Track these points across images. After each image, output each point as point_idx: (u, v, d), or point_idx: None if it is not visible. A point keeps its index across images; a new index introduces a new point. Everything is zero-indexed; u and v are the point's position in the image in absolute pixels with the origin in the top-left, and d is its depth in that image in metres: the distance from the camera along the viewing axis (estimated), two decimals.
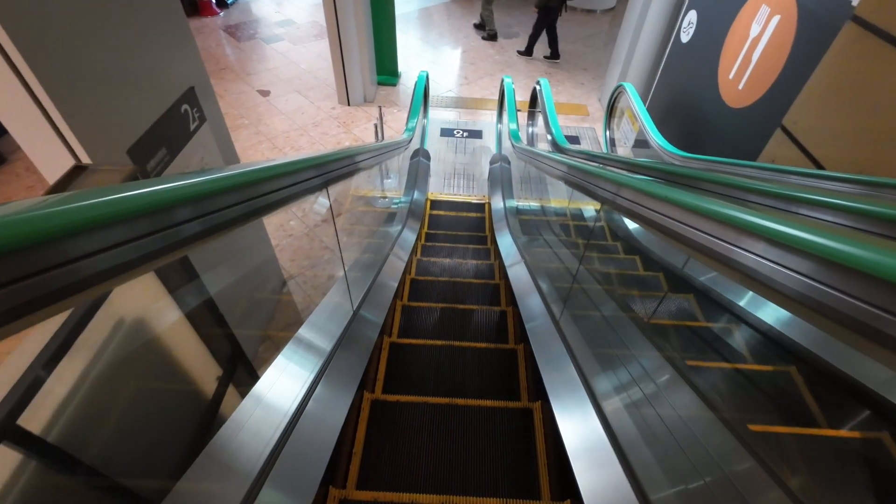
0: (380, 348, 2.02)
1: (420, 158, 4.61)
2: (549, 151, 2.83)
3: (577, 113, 6.13)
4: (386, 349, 2.05)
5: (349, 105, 5.96)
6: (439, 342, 2.11)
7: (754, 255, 0.53)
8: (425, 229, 4.18)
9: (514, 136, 3.55)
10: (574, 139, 5.65)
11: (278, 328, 2.95)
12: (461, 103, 6.22)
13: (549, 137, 3.67)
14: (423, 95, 4.19)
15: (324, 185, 1.34)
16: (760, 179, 1.27)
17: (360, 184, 4.58)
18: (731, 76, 3.39)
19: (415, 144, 4.75)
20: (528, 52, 7.41)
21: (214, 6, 8.15)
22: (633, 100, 4.21)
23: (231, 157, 2.88)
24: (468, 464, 1.46)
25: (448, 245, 3.74)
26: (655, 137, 3.64)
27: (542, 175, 3.02)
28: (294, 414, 1.19)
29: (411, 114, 3.84)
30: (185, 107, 2.31)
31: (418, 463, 1.46)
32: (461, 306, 2.53)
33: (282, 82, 6.36)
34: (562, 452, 1.25)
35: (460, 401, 1.63)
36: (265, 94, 6.09)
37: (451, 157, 5.29)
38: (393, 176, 4.92)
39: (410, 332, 2.38)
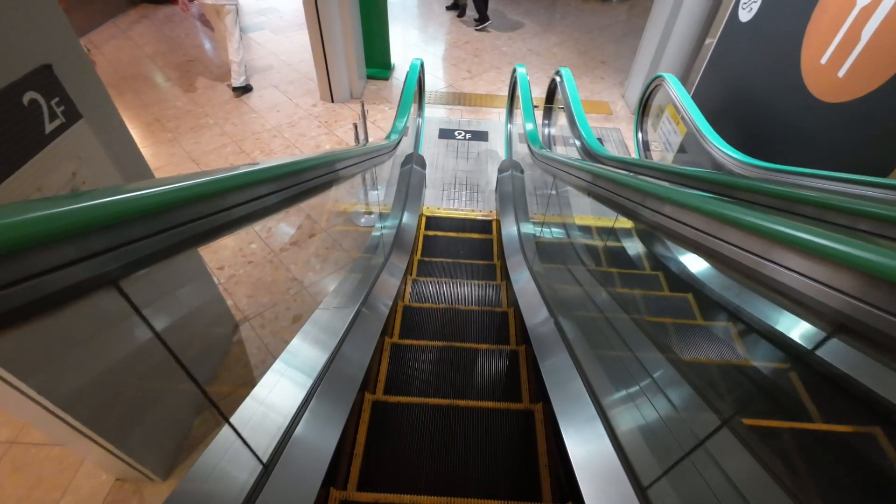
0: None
1: (413, 166, 3.77)
2: (587, 163, 1.99)
3: (599, 111, 5.28)
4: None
5: (333, 102, 5.13)
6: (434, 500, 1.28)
7: None
8: (418, 255, 3.34)
9: (533, 138, 2.71)
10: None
11: (224, 389, 2.08)
12: (463, 100, 5.38)
13: (578, 143, 2.84)
14: (416, 88, 3.36)
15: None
16: None
17: (338, 197, 3.74)
18: (823, 61, 2.54)
19: (406, 148, 3.92)
20: (482, 19, 6.99)
21: None
22: (679, 94, 3.37)
23: (136, 170, 2.04)
24: None
25: (446, 281, 2.90)
26: (716, 143, 2.80)
27: (567, 186, 2.26)
28: None
29: (400, 111, 3.01)
30: (30, 95, 1.46)
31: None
32: (462, 403, 1.68)
33: (257, 76, 5.53)
34: None
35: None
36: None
37: (452, 163, 4.45)
38: (380, 187, 4.09)
39: (389, 469, 1.52)
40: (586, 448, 1.18)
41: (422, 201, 3.79)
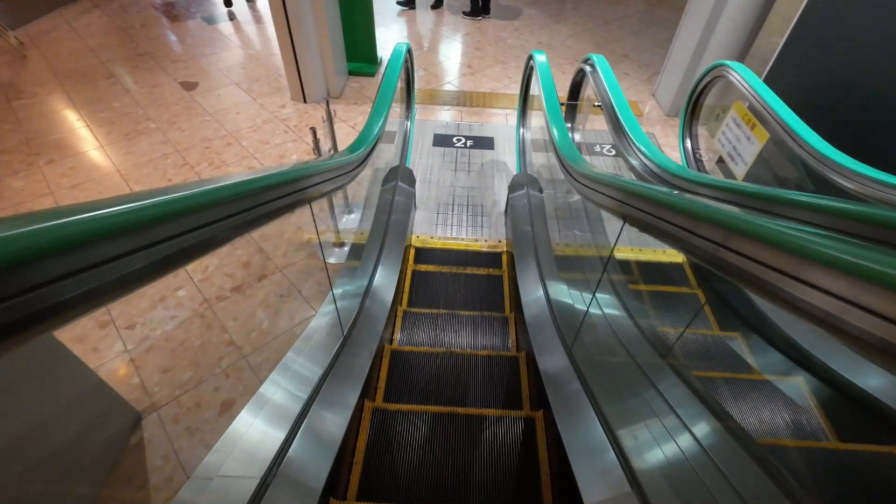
0: None
1: (398, 184, 2.88)
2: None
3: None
4: None
5: (305, 102, 4.25)
6: None
7: None
8: (403, 307, 2.45)
9: (568, 150, 1.81)
10: None
11: None
12: (463, 99, 4.50)
13: (638, 159, 1.95)
14: (402, 83, 2.48)
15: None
16: None
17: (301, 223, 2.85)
18: None
19: (390, 160, 3.03)
20: (483, 9, 6.15)
21: None
22: (755, 88, 2.49)
23: None
24: None
25: (440, 353, 2.01)
26: (833, 156, 1.91)
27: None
28: None
29: (374, 112, 2.11)
30: None
31: None
32: None
33: (217, 72, 4.65)
34: None
35: None
36: (190, 87, 4.38)
37: (449, 177, 3.56)
38: (356, 209, 3.19)
39: None
40: None
41: (409, 229, 2.90)
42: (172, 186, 0.56)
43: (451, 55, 5.35)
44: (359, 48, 4.69)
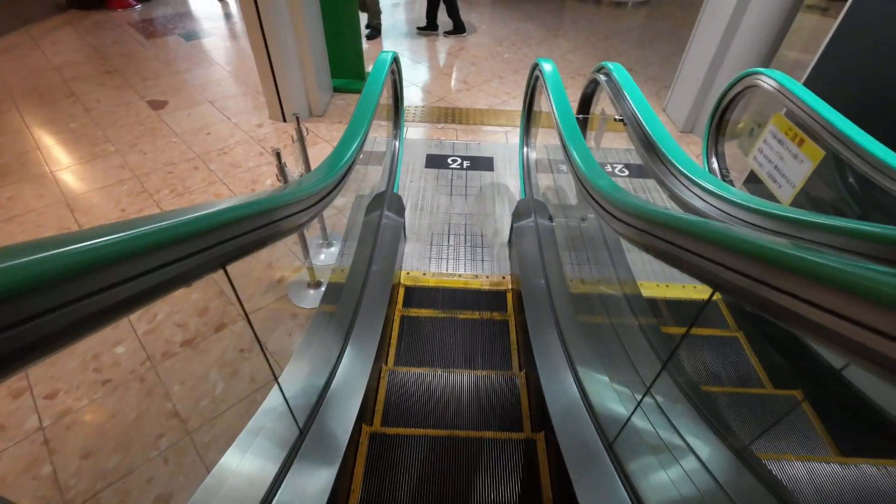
0: None
1: (384, 212, 2.46)
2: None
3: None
4: None
5: (285, 121, 3.86)
6: None
7: None
8: (389, 365, 2.00)
9: (593, 172, 1.40)
10: (635, 169, 3.54)
11: None
12: (459, 117, 4.13)
13: (681, 185, 1.54)
14: (381, 92, 2.08)
15: None
16: None
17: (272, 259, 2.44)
18: None
19: (377, 185, 2.64)
20: (430, 26, 5.65)
21: None
22: (804, 98, 2.10)
23: None
24: None
25: (436, 437, 1.55)
26: None
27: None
28: None
29: (351, 129, 1.70)
30: None
31: None
32: None
33: (190, 90, 4.27)
34: None
35: None
36: (158, 105, 3.99)
37: (443, 202, 3.15)
38: (336, 241, 2.77)
39: None
40: None
41: (398, 264, 2.47)
42: None
43: (444, 70, 5.02)
44: (345, 63, 4.34)
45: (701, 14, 3.80)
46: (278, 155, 1.90)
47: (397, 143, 2.96)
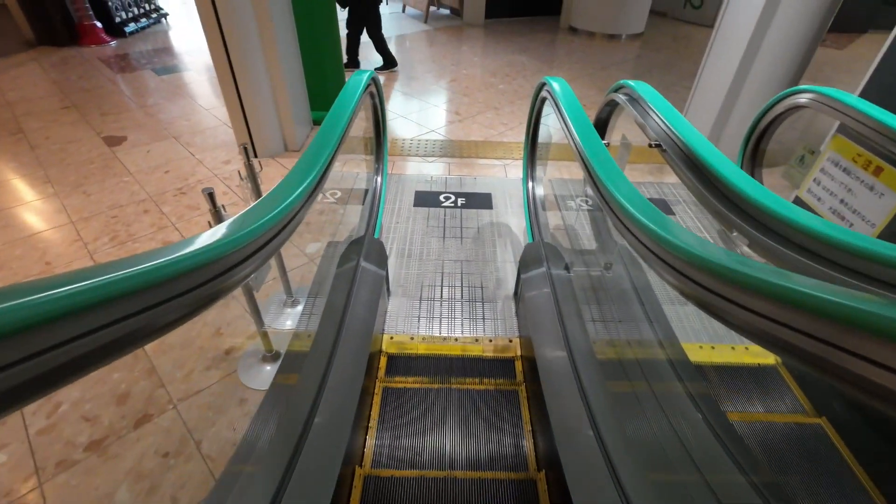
0: None
1: (361, 263, 1.97)
2: None
3: (643, 160, 3.64)
4: None
5: (256, 157, 3.43)
6: None
7: None
8: (365, 469, 1.46)
9: (644, 210, 0.95)
10: (659, 204, 3.11)
11: None
12: (452, 150, 3.74)
13: (761, 225, 1.08)
14: (351, 117, 1.66)
15: None
16: None
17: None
18: None
19: (355, 229, 2.19)
20: (351, 62, 5.19)
21: (103, 34, 5.88)
22: (879, 118, 1.69)
23: None
24: None
25: None
26: None
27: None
28: None
29: (308, 158, 1.25)
30: None
31: None
32: None
33: (154, 124, 3.87)
34: None
35: None
36: (115, 142, 3.56)
37: (435, 246, 2.68)
38: (302, 298, 2.27)
39: None
40: None
41: (377, 327, 1.96)
42: None
43: (434, 101, 4.68)
44: (326, 94, 3.98)
45: (713, 39, 3.49)
46: (211, 195, 1.43)
47: (379, 179, 2.52)
